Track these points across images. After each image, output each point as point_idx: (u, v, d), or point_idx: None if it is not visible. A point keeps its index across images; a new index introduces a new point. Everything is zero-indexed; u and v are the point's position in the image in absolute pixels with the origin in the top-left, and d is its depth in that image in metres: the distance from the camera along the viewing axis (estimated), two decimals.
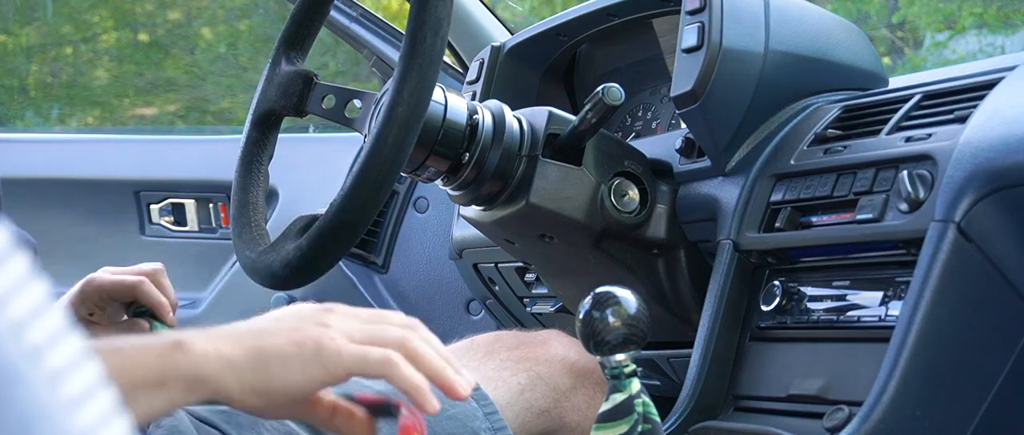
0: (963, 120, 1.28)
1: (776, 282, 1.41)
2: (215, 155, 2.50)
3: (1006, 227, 1.21)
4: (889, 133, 1.36)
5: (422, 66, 1.15)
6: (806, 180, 1.40)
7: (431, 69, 1.17)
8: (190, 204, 2.45)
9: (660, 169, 1.57)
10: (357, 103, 1.39)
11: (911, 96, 1.42)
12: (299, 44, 1.43)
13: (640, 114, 1.86)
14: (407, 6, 1.24)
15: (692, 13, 1.51)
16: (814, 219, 1.38)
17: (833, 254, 1.37)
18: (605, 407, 1.10)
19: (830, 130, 1.45)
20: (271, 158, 1.44)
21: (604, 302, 1.08)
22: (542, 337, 1.33)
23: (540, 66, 1.92)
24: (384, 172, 1.16)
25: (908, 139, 1.32)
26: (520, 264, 1.87)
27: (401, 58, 1.17)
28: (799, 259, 1.41)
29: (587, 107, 1.44)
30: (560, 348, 1.30)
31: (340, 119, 1.40)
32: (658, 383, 1.71)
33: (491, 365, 1.26)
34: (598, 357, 1.10)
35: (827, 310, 1.35)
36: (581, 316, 1.09)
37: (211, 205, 2.45)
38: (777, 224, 1.40)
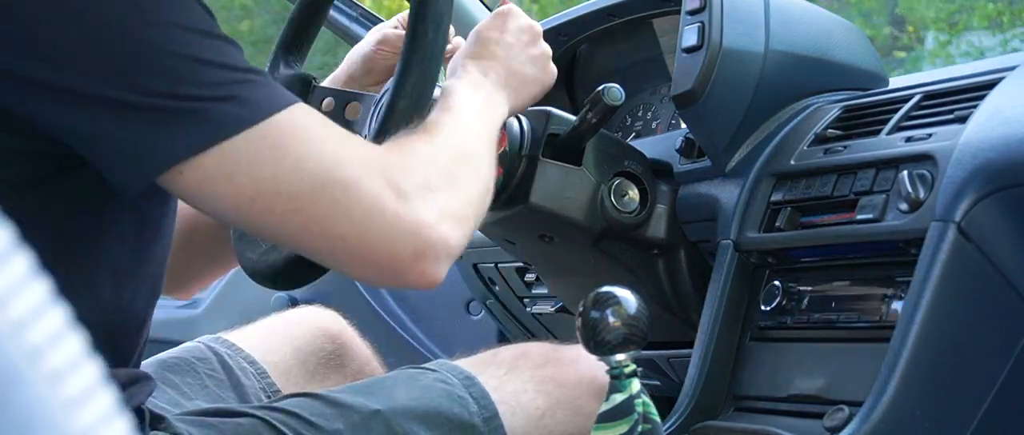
0: (963, 120, 1.28)
1: (776, 282, 1.41)
2: None
3: (1006, 227, 1.21)
4: (889, 133, 1.36)
5: (424, 60, 1.15)
6: (806, 180, 1.40)
7: (433, 64, 1.16)
8: None
9: (660, 169, 1.56)
10: (357, 105, 1.39)
11: (911, 96, 1.42)
12: (297, 48, 1.43)
13: (640, 114, 1.86)
14: (406, 5, 1.23)
15: (692, 13, 1.51)
16: (814, 219, 1.38)
17: (833, 254, 1.37)
18: (605, 407, 1.10)
19: (830, 130, 1.45)
20: None
21: (604, 302, 1.08)
22: (571, 355, 1.27)
23: None
24: None
25: (908, 139, 1.32)
26: (520, 264, 1.87)
27: (402, 53, 1.16)
28: (799, 259, 1.41)
29: (587, 107, 1.44)
30: (589, 369, 1.26)
31: (339, 121, 1.39)
32: (658, 383, 1.71)
33: (512, 385, 1.23)
34: (598, 357, 1.10)
35: (827, 310, 1.35)
36: (581, 316, 1.09)
37: None
38: (777, 224, 1.40)
